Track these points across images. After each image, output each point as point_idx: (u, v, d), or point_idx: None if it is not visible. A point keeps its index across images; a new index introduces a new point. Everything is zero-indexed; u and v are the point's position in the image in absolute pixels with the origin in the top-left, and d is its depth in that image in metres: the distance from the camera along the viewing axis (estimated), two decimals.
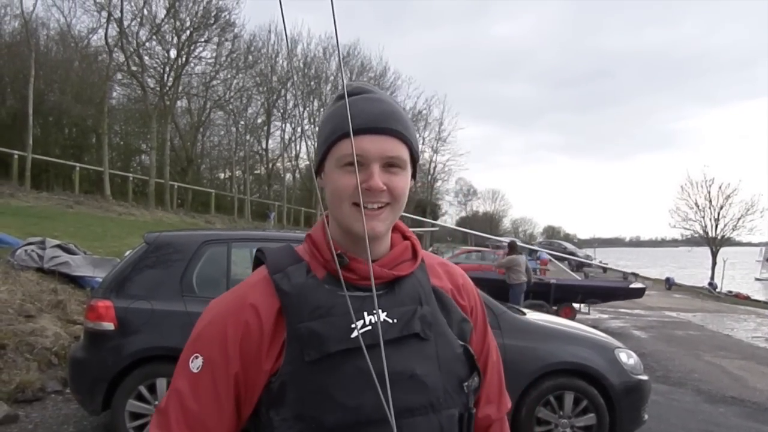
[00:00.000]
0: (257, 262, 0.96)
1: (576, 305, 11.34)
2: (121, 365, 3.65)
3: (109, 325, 3.68)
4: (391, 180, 0.85)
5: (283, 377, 0.82)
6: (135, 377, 3.67)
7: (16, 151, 16.87)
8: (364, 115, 0.85)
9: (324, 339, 0.82)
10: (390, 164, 0.85)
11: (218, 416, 0.85)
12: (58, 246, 7.31)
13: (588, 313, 11.87)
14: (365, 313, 0.85)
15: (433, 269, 0.97)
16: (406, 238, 0.97)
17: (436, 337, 0.88)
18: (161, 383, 3.68)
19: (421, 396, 0.85)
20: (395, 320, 0.86)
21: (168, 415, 0.85)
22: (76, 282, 6.94)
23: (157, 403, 3.66)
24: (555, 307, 10.84)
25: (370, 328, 0.84)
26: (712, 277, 26.62)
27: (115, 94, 24.71)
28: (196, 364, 0.86)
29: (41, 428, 4.09)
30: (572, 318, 10.70)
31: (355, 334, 0.82)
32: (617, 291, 11.87)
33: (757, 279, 33.41)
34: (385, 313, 0.86)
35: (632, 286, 12.06)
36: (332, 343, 0.82)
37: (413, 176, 0.92)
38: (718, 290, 23.81)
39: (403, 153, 0.87)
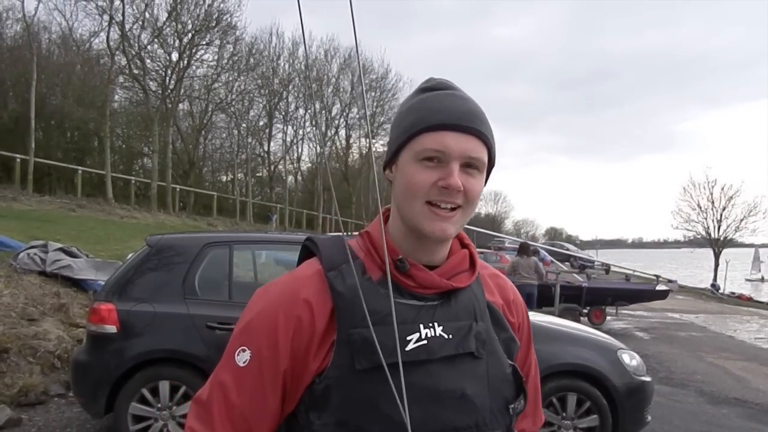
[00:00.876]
0: (305, 251, 0.93)
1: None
2: (123, 368, 3.65)
3: (112, 328, 3.69)
4: (468, 181, 0.82)
5: (329, 381, 0.79)
6: (138, 380, 3.68)
7: (18, 155, 16.90)
8: (449, 111, 0.82)
9: (377, 349, 0.79)
10: (469, 165, 0.82)
11: (262, 413, 0.82)
12: (61, 249, 7.32)
13: (615, 315, 12.14)
14: (421, 326, 0.82)
15: (485, 282, 0.95)
16: (464, 245, 0.93)
17: (488, 356, 0.87)
18: (164, 386, 3.68)
19: (468, 416, 0.83)
20: (450, 336, 0.83)
21: (211, 408, 0.83)
22: (79, 285, 6.95)
23: (159, 405, 3.67)
24: (586, 310, 11.13)
25: (425, 342, 0.82)
26: (715, 279, 26.55)
27: (117, 97, 24.82)
28: (242, 357, 0.82)
29: (44, 431, 4.10)
30: (602, 320, 11.10)
31: (410, 347, 0.81)
32: (644, 293, 12.15)
33: (747, 280, 33.28)
34: (441, 327, 0.83)
35: (658, 288, 12.30)
36: (385, 354, 0.78)
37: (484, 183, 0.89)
38: (720, 291, 23.74)
39: (484, 155, 0.84)
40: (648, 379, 4.05)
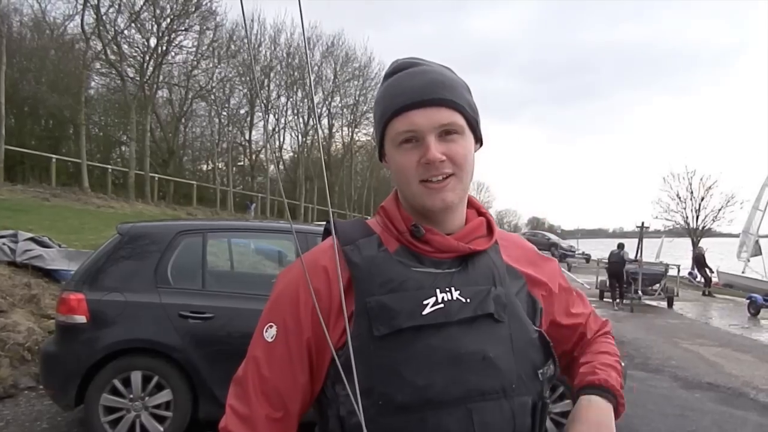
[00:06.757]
0: (326, 234, 0.94)
1: None
2: (94, 359, 3.56)
3: (82, 318, 3.59)
4: (449, 148, 0.83)
5: (351, 352, 0.80)
6: (109, 371, 3.59)
7: None
8: (409, 90, 0.83)
9: (395, 314, 0.80)
10: (446, 132, 0.83)
11: (293, 386, 0.84)
12: (32, 239, 7.13)
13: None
14: (437, 290, 0.82)
15: (505, 247, 0.94)
16: (481, 214, 0.94)
17: (510, 320, 0.85)
18: (136, 376, 3.60)
19: (493, 379, 0.82)
20: (468, 300, 0.83)
21: (246, 384, 0.85)
22: (51, 276, 6.78)
23: (131, 396, 3.59)
24: None
25: (442, 306, 0.81)
26: (693, 267, 27.13)
27: (93, 83, 24.13)
28: (270, 333, 0.85)
29: (13, 425, 3.99)
30: None
31: (427, 311, 0.80)
32: None
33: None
34: (458, 292, 0.83)
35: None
36: (403, 318, 0.80)
37: (479, 141, 0.89)
38: (698, 279, 24.27)
39: (457, 119, 0.84)
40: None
